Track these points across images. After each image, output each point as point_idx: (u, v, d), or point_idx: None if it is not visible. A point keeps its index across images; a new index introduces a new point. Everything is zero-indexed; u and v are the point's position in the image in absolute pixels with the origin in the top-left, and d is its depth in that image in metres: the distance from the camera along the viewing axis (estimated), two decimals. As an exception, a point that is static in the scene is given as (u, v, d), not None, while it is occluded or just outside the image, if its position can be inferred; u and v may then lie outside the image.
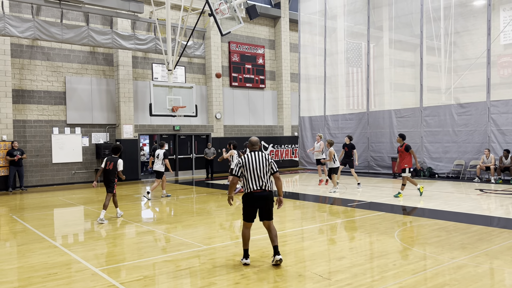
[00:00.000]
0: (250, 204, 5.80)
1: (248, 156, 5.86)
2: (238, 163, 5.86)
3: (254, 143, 6.04)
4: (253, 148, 6.01)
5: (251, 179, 5.75)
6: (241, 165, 5.82)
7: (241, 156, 6.07)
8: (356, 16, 20.60)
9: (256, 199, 5.76)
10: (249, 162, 5.79)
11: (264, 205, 5.80)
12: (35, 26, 15.00)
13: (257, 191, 5.74)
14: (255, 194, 5.75)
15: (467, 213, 9.31)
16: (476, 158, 15.85)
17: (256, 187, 5.74)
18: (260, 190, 5.75)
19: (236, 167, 5.87)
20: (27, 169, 16.37)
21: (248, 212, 5.84)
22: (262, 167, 5.80)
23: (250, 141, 6.09)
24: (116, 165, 9.29)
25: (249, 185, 5.76)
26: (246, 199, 5.83)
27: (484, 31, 15.97)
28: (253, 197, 5.76)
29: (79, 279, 5.38)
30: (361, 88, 20.53)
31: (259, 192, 5.75)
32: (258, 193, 5.75)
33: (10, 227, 8.98)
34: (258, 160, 5.81)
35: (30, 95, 16.70)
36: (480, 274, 5.26)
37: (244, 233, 5.87)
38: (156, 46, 17.93)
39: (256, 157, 5.83)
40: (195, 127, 20.80)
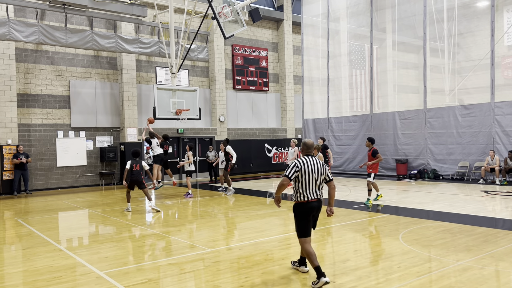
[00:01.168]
0: (307, 214, 5.17)
1: (306, 160, 5.18)
2: (295, 165, 5.13)
3: (310, 146, 5.36)
4: (308, 152, 5.34)
5: (308, 187, 5.13)
6: (299, 169, 5.11)
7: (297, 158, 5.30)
8: (359, 18, 20.60)
9: (313, 209, 5.18)
10: (307, 167, 5.13)
11: (316, 216, 5.30)
12: (39, 30, 15.09)
13: (314, 201, 5.16)
14: (312, 204, 5.16)
15: (472, 215, 9.27)
16: (480, 160, 15.78)
17: (313, 195, 5.15)
18: (316, 199, 5.20)
19: (291, 169, 5.12)
20: (32, 172, 16.44)
21: (306, 224, 5.18)
22: (320, 174, 5.21)
23: (305, 143, 5.37)
24: (142, 165, 11.43)
25: (306, 193, 5.13)
26: (302, 209, 5.16)
27: (487, 32, 15.93)
28: (311, 207, 5.15)
29: (84, 283, 5.40)
30: (365, 90, 20.50)
31: (316, 201, 5.19)
32: (315, 203, 5.18)
33: (15, 231, 9.02)
34: (316, 166, 5.19)
35: (34, 99, 16.79)
36: (486, 276, 5.24)
37: (309, 250, 5.09)
38: (159, 50, 18.00)
39: (314, 162, 5.20)
40: (199, 130, 20.84)
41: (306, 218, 5.16)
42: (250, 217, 9.83)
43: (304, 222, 5.17)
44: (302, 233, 5.18)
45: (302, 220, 5.17)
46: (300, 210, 5.16)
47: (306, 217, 5.16)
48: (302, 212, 5.16)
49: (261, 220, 9.43)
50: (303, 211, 5.16)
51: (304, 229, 5.17)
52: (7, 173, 15.61)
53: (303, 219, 5.16)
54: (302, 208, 5.15)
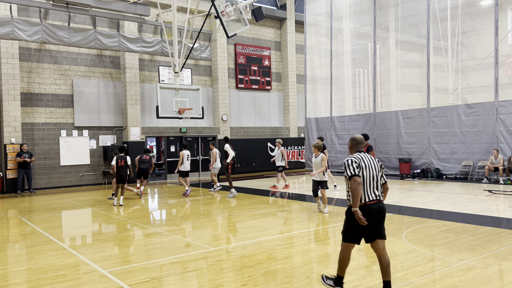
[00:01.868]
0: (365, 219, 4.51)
1: (361, 156, 4.61)
2: (353, 161, 4.53)
3: (360, 141, 4.77)
4: (359, 148, 4.75)
5: (366, 187, 4.51)
6: (358, 165, 4.52)
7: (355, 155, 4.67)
8: (362, 17, 20.56)
9: (372, 212, 4.48)
10: (364, 163, 4.55)
11: (380, 219, 4.58)
12: (43, 29, 15.13)
13: (372, 202, 4.50)
14: (370, 206, 4.48)
15: (475, 214, 9.24)
16: (484, 159, 15.73)
17: (372, 196, 4.51)
18: (376, 201, 4.54)
19: (351, 165, 4.51)
20: (35, 171, 16.49)
21: (357, 229, 4.52)
22: (378, 171, 4.62)
23: (355, 139, 4.79)
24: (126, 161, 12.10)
25: (363, 194, 4.51)
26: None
27: (491, 31, 15.86)
28: (369, 210, 4.48)
29: (87, 281, 5.41)
30: (368, 89, 20.47)
31: (375, 203, 4.52)
32: (374, 205, 4.50)
33: (19, 229, 9.05)
34: (373, 163, 4.61)
35: (38, 98, 16.84)
36: (489, 276, 5.22)
37: (344, 257, 4.65)
38: (162, 49, 18.02)
39: (369, 159, 4.62)
40: (202, 129, 20.85)
41: (359, 224, 4.48)
42: (253, 216, 9.83)
43: (356, 226, 4.50)
44: (348, 236, 4.60)
45: (354, 224, 4.51)
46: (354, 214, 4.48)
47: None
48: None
49: (264, 219, 9.43)
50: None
51: (353, 233, 4.55)
52: (10, 171, 15.67)
53: (356, 224, 4.49)
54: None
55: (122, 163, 12.18)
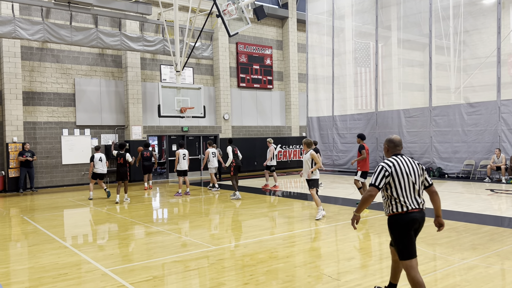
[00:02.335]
0: (408, 229, 4.04)
1: (398, 161, 4.14)
2: (382, 169, 4.10)
3: (398, 143, 4.31)
4: (396, 151, 4.30)
5: (406, 194, 4.05)
6: (389, 174, 4.07)
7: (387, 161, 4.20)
8: (364, 16, 20.52)
9: (415, 222, 4.05)
10: (400, 169, 4.08)
11: (419, 230, 4.16)
12: (44, 28, 15.15)
13: (415, 211, 4.05)
14: (412, 215, 4.04)
15: (477, 214, 9.23)
16: (486, 158, 15.70)
17: (414, 204, 4.05)
18: (419, 209, 4.08)
19: (377, 175, 4.10)
20: (37, 170, 16.52)
21: (409, 241, 4.03)
22: (418, 176, 4.14)
23: (392, 140, 4.32)
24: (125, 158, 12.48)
25: (404, 202, 4.04)
26: (402, 222, 4.04)
27: (494, 30, 15.81)
28: (412, 220, 4.03)
29: (89, 280, 5.42)
30: (370, 88, 20.43)
31: (417, 212, 4.07)
32: (417, 214, 4.07)
33: (21, 228, 9.07)
34: (412, 167, 4.13)
35: (40, 97, 16.86)
36: (491, 275, 5.21)
37: (417, 279, 3.99)
38: (164, 48, 18.01)
39: (407, 162, 4.15)
40: (203, 128, 20.86)
41: (407, 232, 4.03)
42: (254, 215, 9.83)
43: (407, 238, 4.03)
44: (407, 253, 4.02)
45: (404, 236, 4.03)
46: (399, 223, 4.05)
47: (408, 231, 4.03)
48: (401, 225, 4.04)
49: (266, 218, 9.43)
50: (403, 224, 4.03)
51: (409, 247, 4.02)
52: (13, 170, 15.70)
53: (405, 235, 4.02)
54: (401, 221, 4.04)
55: (121, 161, 12.43)
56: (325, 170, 21.35)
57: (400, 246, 4.06)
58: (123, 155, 12.47)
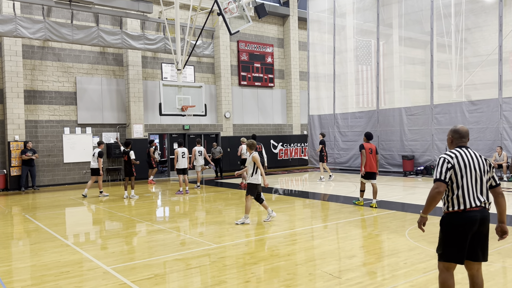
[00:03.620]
0: (462, 229, 3.59)
1: (462, 153, 3.70)
2: (445, 161, 3.66)
3: (464, 134, 3.82)
4: (461, 143, 3.82)
5: (467, 190, 3.61)
6: (451, 166, 3.64)
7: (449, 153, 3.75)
8: (365, 14, 20.49)
9: (473, 222, 3.58)
10: (464, 162, 3.64)
11: (484, 233, 3.66)
12: (46, 27, 15.16)
13: (475, 209, 3.60)
14: (473, 214, 3.58)
15: (479, 212, 9.20)
16: (488, 156, 15.67)
17: (475, 202, 3.61)
18: (480, 208, 3.62)
19: (441, 167, 3.65)
20: (39, 168, 16.55)
21: (458, 244, 3.60)
22: (484, 172, 3.69)
23: (457, 131, 3.84)
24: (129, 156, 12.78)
25: (462, 199, 3.61)
26: (456, 221, 3.61)
27: (495, 27, 15.77)
28: (471, 219, 3.58)
29: (91, 278, 5.43)
30: (371, 86, 20.41)
31: (479, 210, 3.61)
32: (477, 213, 3.60)
33: (23, 226, 9.10)
34: (477, 161, 3.70)
35: (41, 96, 16.88)
36: (492, 273, 5.21)
37: (448, 283, 3.69)
38: (165, 46, 18.01)
39: (473, 156, 3.70)
40: (205, 126, 20.86)
41: (459, 234, 3.60)
42: (255, 213, 9.84)
43: (455, 238, 3.61)
44: (446, 254, 3.65)
45: (452, 235, 3.63)
46: (453, 222, 3.62)
47: (460, 232, 3.59)
48: (455, 225, 3.61)
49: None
50: (457, 224, 3.60)
51: (451, 248, 3.62)
52: (14, 169, 15.73)
53: (455, 235, 3.61)
54: (456, 220, 3.61)
55: (126, 158, 12.81)
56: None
57: (446, 246, 3.64)
58: (127, 153, 12.78)
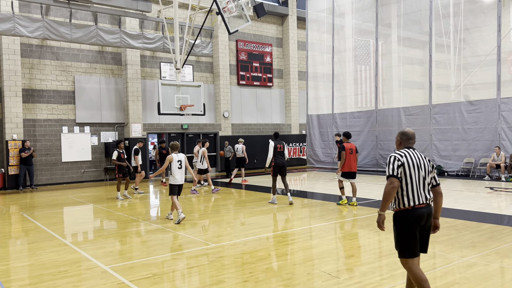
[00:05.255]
0: (413, 225, 3.87)
1: (410, 153, 4.00)
2: (395, 159, 3.93)
3: (412, 136, 4.14)
4: (409, 144, 4.12)
5: (413, 188, 3.89)
6: (401, 164, 3.91)
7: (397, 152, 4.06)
8: (364, 14, 20.50)
9: (421, 218, 3.88)
10: (412, 161, 3.93)
11: (427, 227, 3.98)
12: (44, 26, 15.12)
13: (422, 206, 3.89)
14: (420, 210, 3.88)
15: (477, 211, 9.24)
16: (486, 156, 15.70)
17: (422, 199, 3.90)
18: (426, 204, 3.92)
19: (392, 164, 3.91)
20: (37, 167, 16.52)
21: (411, 239, 3.88)
22: (428, 172, 3.99)
23: (405, 133, 4.16)
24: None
25: (410, 197, 3.88)
26: (406, 218, 3.88)
27: (494, 28, 15.80)
28: (419, 216, 3.87)
29: (89, 277, 5.42)
30: (370, 86, 20.43)
31: (425, 207, 3.91)
32: (423, 209, 3.89)
33: (21, 225, 9.07)
34: (423, 161, 4.00)
35: (39, 95, 16.85)
36: (491, 273, 5.22)
37: (419, 275, 3.91)
38: (164, 45, 17.99)
39: (419, 156, 4.01)
40: (203, 125, 20.85)
41: (411, 230, 3.87)
42: (254, 213, 9.84)
43: (409, 235, 3.87)
44: (406, 251, 3.90)
45: (405, 233, 3.88)
46: (404, 219, 3.89)
47: (412, 229, 3.87)
48: (406, 222, 3.88)
49: (265, 216, 9.44)
50: (407, 221, 3.87)
51: (409, 245, 3.88)
52: (12, 168, 15.70)
53: (408, 232, 3.87)
54: (408, 217, 3.88)
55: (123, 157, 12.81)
56: (325, 168, 21.37)
57: (401, 242, 3.92)
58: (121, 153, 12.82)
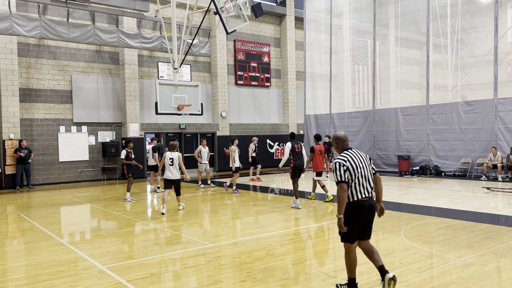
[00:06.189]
0: (356, 217, 4.43)
1: (350, 154, 4.49)
2: (341, 165, 4.39)
3: (345, 138, 4.68)
4: (345, 146, 4.64)
5: (357, 184, 4.42)
6: (346, 168, 4.39)
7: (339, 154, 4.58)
8: (362, 14, 20.52)
9: (364, 210, 4.43)
10: (355, 162, 4.44)
11: (371, 218, 4.53)
12: (41, 25, 15.07)
13: (365, 199, 4.44)
14: (363, 203, 4.42)
15: (474, 212, 9.26)
16: (483, 156, 15.75)
17: (364, 193, 4.43)
18: (368, 198, 4.47)
19: (338, 171, 4.37)
20: (34, 167, 16.48)
21: (354, 228, 4.45)
22: (367, 166, 4.53)
23: (338, 137, 4.68)
24: None
25: (354, 192, 4.42)
26: (352, 210, 4.43)
27: (491, 28, 15.84)
28: (362, 207, 4.42)
29: (86, 277, 5.41)
30: (367, 86, 20.46)
31: (367, 200, 4.46)
32: (366, 202, 4.44)
33: (17, 225, 9.05)
34: (362, 158, 4.52)
35: (36, 94, 16.80)
36: (487, 273, 5.23)
37: (352, 259, 4.51)
38: (161, 45, 17.96)
39: (358, 154, 4.52)
40: (201, 125, 20.84)
41: (354, 220, 4.43)
42: (251, 213, 9.84)
43: (352, 224, 4.43)
44: (349, 237, 4.46)
45: (350, 221, 4.42)
46: (349, 211, 4.42)
47: (355, 219, 4.43)
48: (351, 213, 4.42)
49: (263, 216, 9.44)
50: (352, 212, 4.42)
51: (351, 233, 4.45)
52: (9, 167, 15.65)
53: (352, 221, 4.42)
54: (353, 209, 4.42)
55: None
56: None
57: (347, 229, 4.42)
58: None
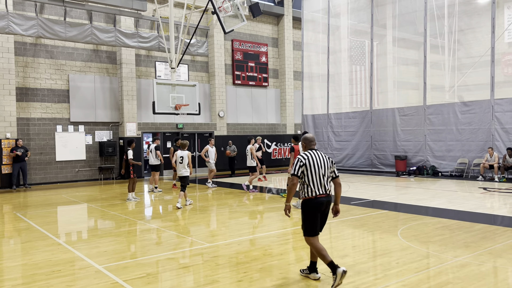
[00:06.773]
0: (315, 211, 4.94)
1: (311, 154, 5.02)
2: (298, 160, 4.96)
3: (312, 139, 5.20)
4: (311, 146, 5.15)
5: (316, 182, 4.91)
6: (303, 164, 4.93)
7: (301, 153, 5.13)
8: (360, 14, 20.55)
9: (322, 205, 4.94)
10: (313, 161, 4.94)
11: (326, 213, 5.07)
12: (38, 24, 15.03)
13: (322, 196, 4.93)
14: (321, 199, 4.92)
15: (470, 212, 9.29)
16: (479, 157, 15.79)
17: (322, 191, 4.92)
18: (325, 194, 4.96)
19: (295, 165, 4.94)
20: (30, 166, 16.42)
21: (314, 222, 4.95)
22: (327, 168, 5.02)
23: (307, 138, 5.22)
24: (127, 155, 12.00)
25: (312, 189, 4.90)
26: (310, 205, 4.94)
27: (488, 29, 15.89)
28: (319, 203, 4.92)
29: (82, 277, 5.40)
30: (365, 86, 20.48)
31: (324, 196, 4.95)
32: (323, 198, 4.94)
33: (14, 225, 9.02)
34: (322, 160, 5.01)
35: (33, 93, 16.75)
36: (484, 273, 5.25)
37: (318, 247, 4.94)
38: (159, 44, 17.93)
39: (320, 156, 5.03)
40: (198, 125, 20.82)
41: (314, 214, 4.94)
42: (248, 213, 9.84)
43: (312, 218, 4.94)
44: (310, 231, 4.96)
45: (309, 217, 4.94)
46: (309, 206, 4.93)
47: (314, 213, 4.94)
48: (310, 208, 4.93)
49: (260, 216, 9.44)
50: (310, 207, 4.92)
51: (312, 227, 4.95)
52: (5, 167, 15.60)
53: (311, 216, 4.94)
54: (309, 204, 4.93)
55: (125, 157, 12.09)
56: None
57: (307, 224, 4.97)
58: (126, 151, 12.02)
